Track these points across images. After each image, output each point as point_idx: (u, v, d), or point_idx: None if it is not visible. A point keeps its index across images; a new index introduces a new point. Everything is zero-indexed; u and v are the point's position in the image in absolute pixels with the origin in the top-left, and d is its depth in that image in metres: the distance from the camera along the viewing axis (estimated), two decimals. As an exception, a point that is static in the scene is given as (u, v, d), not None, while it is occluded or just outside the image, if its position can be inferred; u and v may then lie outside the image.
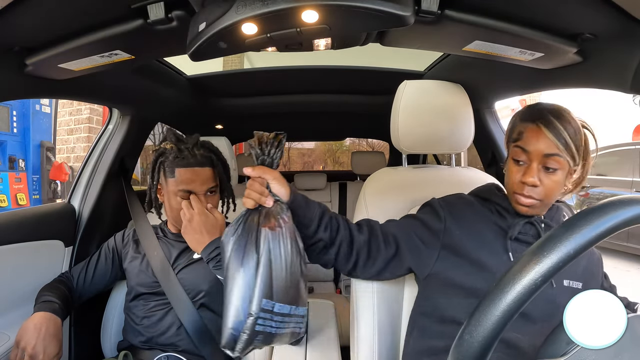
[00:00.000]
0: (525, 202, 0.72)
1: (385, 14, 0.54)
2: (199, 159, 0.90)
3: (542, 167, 0.70)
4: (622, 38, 0.63)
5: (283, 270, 0.63)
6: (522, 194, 0.72)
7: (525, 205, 0.73)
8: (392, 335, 0.88)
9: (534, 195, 0.71)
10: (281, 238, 0.64)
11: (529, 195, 0.72)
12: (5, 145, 3.99)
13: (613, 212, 0.36)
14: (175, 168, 0.90)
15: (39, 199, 4.21)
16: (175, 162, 0.89)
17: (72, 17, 0.64)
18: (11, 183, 3.98)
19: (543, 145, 0.69)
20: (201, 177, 0.89)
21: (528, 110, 0.75)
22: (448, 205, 0.80)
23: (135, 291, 0.96)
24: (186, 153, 0.90)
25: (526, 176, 0.71)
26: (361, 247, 0.76)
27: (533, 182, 0.70)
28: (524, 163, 0.72)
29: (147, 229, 1.03)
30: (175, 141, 0.93)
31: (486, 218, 0.78)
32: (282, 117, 2.01)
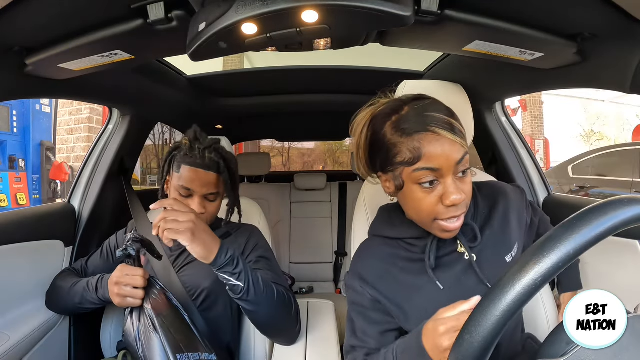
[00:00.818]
0: (457, 226, 0.59)
1: (385, 14, 0.54)
2: (207, 161, 0.89)
3: (456, 177, 0.58)
4: (622, 38, 0.63)
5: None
6: (451, 217, 0.58)
7: (457, 228, 0.60)
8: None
9: (463, 211, 0.59)
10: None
11: (459, 215, 0.59)
12: (5, 145, 3.99)
13: (613, 212, 0.36)
14: (182, 164, 0.90)
15: (39, 199, 4.21)
16: (184, 159, 0.90)
17: (72, 17, 0.64)
18: (11, 183, 3.98)
19: (451, 152, 0.56)
20: (203, 180, 0.89)
21: (403, 118, 0.58)
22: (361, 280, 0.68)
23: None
24: (196, 152, 0.90)
25: (448, 197, 0.56)
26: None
27: (460, 199, 0.57)
28: (434, 183, 0.58)
29: (148, 229, 1.03)
30: (192, 138, 0.93)
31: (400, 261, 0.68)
32: (282, 117, 2.01)
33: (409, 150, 0.57)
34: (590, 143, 10.94)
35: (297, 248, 2.24)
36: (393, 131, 0.59)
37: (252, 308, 0.78)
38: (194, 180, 0.89)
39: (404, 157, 0.57)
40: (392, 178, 0.62)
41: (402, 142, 0.58)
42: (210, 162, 0.90)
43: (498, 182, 0.80)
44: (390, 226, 0.71)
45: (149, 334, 0.78)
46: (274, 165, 9.42)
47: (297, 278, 2.13)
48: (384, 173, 0.64)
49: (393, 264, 0.68)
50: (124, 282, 0.81)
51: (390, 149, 0.59)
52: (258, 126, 2.24)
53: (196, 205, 0.89)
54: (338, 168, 10.12)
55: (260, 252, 0.97)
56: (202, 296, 0.94)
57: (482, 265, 0.65)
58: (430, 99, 0.61)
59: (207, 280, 0.94)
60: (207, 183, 0.90)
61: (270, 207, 2.22)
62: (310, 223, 2.28)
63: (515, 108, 8.26)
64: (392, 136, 0.59)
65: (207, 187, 0.90)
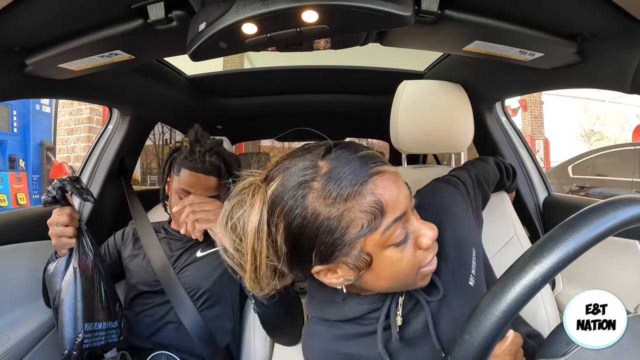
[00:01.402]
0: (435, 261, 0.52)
1: (385, 14, 0.54)
2: (207, 165, 0.89)
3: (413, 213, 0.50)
4: (622, 38, 0.63)
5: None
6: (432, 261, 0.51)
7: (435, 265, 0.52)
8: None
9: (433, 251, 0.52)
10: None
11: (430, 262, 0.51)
12: (5, 145, 3.99)
13: (613, 212, 0.36)
14: (182, 167, 0.90)
15: (39, 199, 4.21)
16: (184, 162, 0.90)
17: (72, 17, 0.64)
18: (11, 183, 3.98)
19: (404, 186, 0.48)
20: (203, 185, 0.89)
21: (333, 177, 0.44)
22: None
23: (136, 289, 0.96)
24: (197, 156, 0.89)
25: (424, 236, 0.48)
26: None
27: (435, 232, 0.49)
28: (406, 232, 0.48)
29: (148, 228, 1.03)
30: (193, 140, 0.92)
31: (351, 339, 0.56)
32: (282, 117, 2.01)
33: (365, 211, 0.44)
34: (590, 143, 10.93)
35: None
36: (326, 201, 0.44)
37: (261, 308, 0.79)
38: (194, 184, 0.88)
39: (361, 223, 0.44)
40: (343, 263, 0.46)
41: (349, 207, 0.44)
42: (211, 166, 0.89)
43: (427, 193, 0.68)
44: (331, 305, 0.57)
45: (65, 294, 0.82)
46: (274, 165, 9.38)
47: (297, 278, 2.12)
48: (325, 264, 0.47)
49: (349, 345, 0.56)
50: (55, 221, 0.82)
51: (333, 227, 0.44)
52: (258, 126, 2.24)
53: None
54: (338, 168, 10.10)
55: None
56: (203, 297, 0.94)
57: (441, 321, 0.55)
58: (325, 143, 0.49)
59: (207, 281, 0.94)
60: (207, 187, 0.89)
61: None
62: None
63: (515, 108, 8.26)
64: (328, 208, 0.44)
65: (207, 191, 0.90)
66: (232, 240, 0.47)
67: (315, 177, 0.45)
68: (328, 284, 0.50)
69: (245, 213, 0.46)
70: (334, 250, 0.45)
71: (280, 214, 0.45)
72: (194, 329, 0.91)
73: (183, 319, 0.91)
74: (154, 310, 0.94)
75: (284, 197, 0.45)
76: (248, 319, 1.04)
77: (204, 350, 0.91)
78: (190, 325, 0.91)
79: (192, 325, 0.91)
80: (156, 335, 0.93)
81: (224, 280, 0.95)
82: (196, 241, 0.98)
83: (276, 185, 0.46)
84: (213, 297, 0.94)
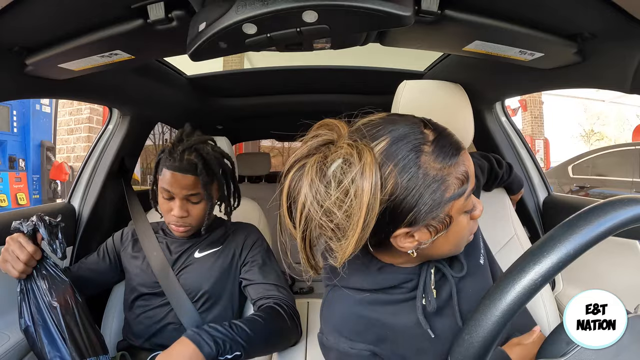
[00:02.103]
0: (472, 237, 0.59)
1: (385, 14, 0.54)
2: (184, 164, 0.88)
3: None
4: (622, 38, 0.63)
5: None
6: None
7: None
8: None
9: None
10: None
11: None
12: (5, 145, 3.99)
13: (613, 212, 0.36)
14: (163, 167, 0.90)
15: (39, 199, 4.21)
16: (165, 161, 0.90)
17: (72, 17, 0.64)
18: (11, 183, 3.98)
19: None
20: (180, 183, 0.88)
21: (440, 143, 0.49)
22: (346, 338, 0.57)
23: (136, 291, 0.96)
24: (176, 155, 0.89)
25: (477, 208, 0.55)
26: None
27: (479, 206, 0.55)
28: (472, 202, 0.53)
29: (147, 229, 1.03)
30: (176, 139, 0.93)
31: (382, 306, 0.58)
32: (282, 117, 2.01)
33: (458, 178, 0.49)
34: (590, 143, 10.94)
35: (297, 248, 2.24)
36: (435, 164, 0.48)
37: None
38: (172, 183, 0.88)
39: (454, 188, 0.48)
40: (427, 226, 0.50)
41: (449, 173, 0.48)
42: (188, 165, 0.88)
43: None
44: (363, 273, 0.58)
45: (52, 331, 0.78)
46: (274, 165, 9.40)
47: (298, 278, 2.13)
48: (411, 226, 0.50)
49: (374, 310, 0.58)
50: (11, 247, 0.79)
51: (436, 188, 0.47)
52: (258, 126, 2.24)
53: (177, 207, 0.89)
54: (338, 168, 10.10)
55: (256, 252, 0.98)
56: (202, 298, 0.94)
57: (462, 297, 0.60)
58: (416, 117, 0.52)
59: (206, 281, 0.94)
60: (185, 186, 0.89)
61: (271, 207, 2.21)
62: (310, 223, 2.27)
63: (515, 108, 8.26)
64: (437, 171, 0.47)
65: (186, 190, 0.89)
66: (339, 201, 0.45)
67: (425, 142, 0.48)
68: (401, 248, 0.52)
69: (357, 173, 0.44)
70: (429, 211, 0.48)
71: (391, 172, 0.47)
72: (194, 330, 0.91)
73: (183, 320, 0.91)
74: (153, 311, 0.94)
75: (397, 157, 0.47)
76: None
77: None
78: (189, 326, 0.91)
79: (192, 326, 0.91)
80: (156, 336, 0.93)
81: (223, 280, 0.95)
82: (195, 242, 0.98)
83: (385, 144, 0.48)
84: (212, 297, 0.94)
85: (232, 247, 0.98)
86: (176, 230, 0.93)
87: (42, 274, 0.81)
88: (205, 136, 0.97)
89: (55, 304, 0.79)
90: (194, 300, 0.93)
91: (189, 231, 0.94)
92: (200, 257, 0.96)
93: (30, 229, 0.79)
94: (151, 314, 0.94)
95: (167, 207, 0.91)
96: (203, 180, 0.88)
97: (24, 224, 0.79)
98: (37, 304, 0.80)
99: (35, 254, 0.80)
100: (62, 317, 0.79)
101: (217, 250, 0.97)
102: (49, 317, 0.79)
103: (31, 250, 0.78)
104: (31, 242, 0.80)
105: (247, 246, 0.98)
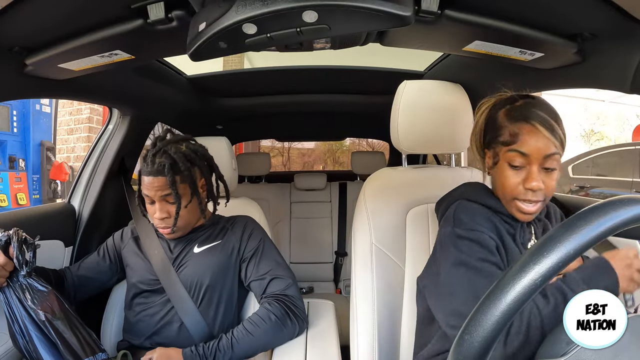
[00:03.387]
0: (531, 210, 0.68)
1: (385, 14, 0.54)
2: (155, 167, 0.90)
3: (542, 169, 0.67)
4: (622, 38, 0.63)
5: None
6: (527, 200, 0.68)
7: (531, 212, 0.69)
8: (392, 335, 0.88)
9: (539, 199, 0.67)
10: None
11: (535, 201, 0.67)
12: (5, 145, 3.98)
13: (613, 212, 0.36)
14: (141, 174, 0.93)
15: (39, 199, 4.21)
16: (142, 168, 0.93)
17: (72, 17, 0.64)
18: (11, 183, 3.98)
19: (543, 146, 0.65)
20: (154, 186, 0.90)
21: (515, 109, 0.69)
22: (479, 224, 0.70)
23: (136, 289, 0.97)
24: (148, 161, 0.91)
25: (530, 181, 0.66)
26: None
27: (539, 186, 0.66)
28: (521, 166, 0.67)
29: (148, 228, 1.03)
30: (150, 146, 0.95)
31: (500, 227, 0.71)
32: (282, 117, 2.01)
33: (510, 134, 0.67)
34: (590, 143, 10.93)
35: (297, 248, 2.24)
36: (504, 116, 0.70)
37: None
38: (148, 187, 0.90)
39: (505, 138, 0.68)
40: (492, 154, 0.73)
41: (506, 126, 0.68)
42: (159, 167, 0.89)
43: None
44: (490, 197, 0.75)
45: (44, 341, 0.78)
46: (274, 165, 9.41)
47: (297, 278, 2.11)
48: (488, 149, 0.74)
49: (498, 222, 0.72)
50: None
51: (497, 129, 0.70)
52: (258, 126, 2.24)
53: (157, 210, 0.91)
54: (338, 168, 10.10)
55: (254, 244, 0.98)
56: (203, 294, 0.94)
57: None
58: (543, 100, 0.69)
59: (206, 276, 0.94)
60: (158, 187, 0.90)
61: (270, 207, 2.22)
62: (310, 223, 2.28)
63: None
64: (502, 120, 0.70)
65: (160, 191, 0.90)
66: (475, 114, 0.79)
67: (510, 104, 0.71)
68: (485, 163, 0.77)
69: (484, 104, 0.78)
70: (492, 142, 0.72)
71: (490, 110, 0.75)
72: (195, 328, 0.91)
73: (183, 317, 0.92)
74: (154, 309, 0.94)
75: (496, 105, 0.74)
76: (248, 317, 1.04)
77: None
78: (190, 324, 0.91)
79: (193, 324, 0.91)
80: (157, 334, 0.93)
81: (222, 275, 0.96)
82: (193, 237, 0.99)
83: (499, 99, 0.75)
84: (213, 293, 0.95)
85: (232, 241, 0.99)
86: (163, 232, 0.95)
87: (21, 286, 0.81)
88: (181, 135, 0.99)
89: (41, 314, 0.79)
90: (194, 297, 0.93)
91: (175, 232, 0.94)
92: (199, 252, 0.97)
93: (3, 241, 0.80)
94: (151, 312, 0.94)
95: (151, 211, 0.93)
96: (170, 179, 0.89)
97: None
98: (25, 317, 0.80)
99: (5, 265, 0.80)
100: (51, 325, 0.79)
101: (217, 244, 0.98)
102: (39, 329, 0.79)
103: (1, 262, 0.79)
104: (2, 254, 0.80)
105: (244, 239, 0.99)
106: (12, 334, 0.81)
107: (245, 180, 2.38)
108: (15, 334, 0.80)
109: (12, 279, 0.81)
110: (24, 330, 0.79)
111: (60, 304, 0.83)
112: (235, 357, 0.85)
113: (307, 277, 2.20)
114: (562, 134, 0.66)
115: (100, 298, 1.08)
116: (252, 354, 0.88)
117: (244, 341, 0.86)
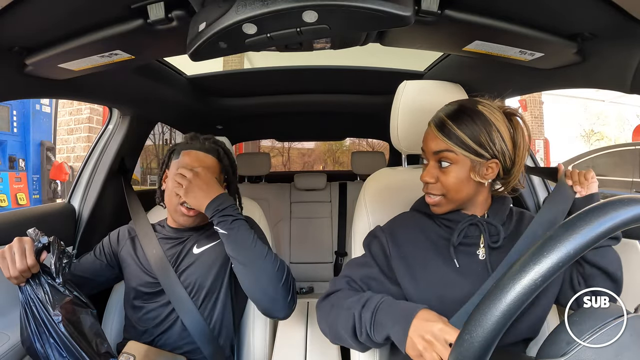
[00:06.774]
0: (429, 201, 0.75)
1: (385, 14, 0.54)
2: (206, 145, 0.93)
3: (437, 164, 0.72)
4: (622, 38, 0.63)
5: None
6: (427, 192, 0.75)
7: (431, 204, 0.75)
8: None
9: (435, 193, 0.74)
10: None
11: (429, 193, 0.75)
12: (5, 145, 3.99)
13: (613, 212, 0.36)
14: (182, 150, 0.94)
15: (39, 199, 4.21)
16: (185, 146, 0.95)
17: (72, 17, 0.64)
18: (11, 183, 3.98)
19: (431, 143, 0.72)
20: (202, 161, 0.90)
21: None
22: (391, 233, 0.78)
23: (136, 291, 0.96)
24: (196, 140, 0.95)
25: (422, 175, 0.74)
26: None
27: (425, 179, 0.74)
28: (427, 162, 0.75)
29: (147, 228, 1.03)
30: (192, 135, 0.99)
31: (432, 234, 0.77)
32: (282, 117, 2.01)
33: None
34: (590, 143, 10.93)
35: (297, 248, 2.24)
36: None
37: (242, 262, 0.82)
38: (193, 161, 0.90)
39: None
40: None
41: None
42: (210, 147, 0.93)
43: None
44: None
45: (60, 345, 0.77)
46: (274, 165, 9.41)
47: (297, 278, 2.13)
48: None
49: (425, 234, 0.77)
50: (14, 249, 0.76)
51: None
52: (258, 126, 2.24)
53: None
54: (338, 168, 10.11)
55: None
56: (202, 296, 0.94)
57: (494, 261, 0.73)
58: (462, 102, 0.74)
59: (206, 277, 0.94)
60: (207, 166, 0.91)
61: (270, 207, 2.22)
62: (310, 223, 2.28)
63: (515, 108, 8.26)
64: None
65: (206, 167, 0.91)
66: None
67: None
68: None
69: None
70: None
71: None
72: (195, 329, 0.91)
73: (184, 318, 0.91)
74: (154, 310, 0.94)
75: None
76: (248, 317, 1.04)
77: (206, 349, 0.91)
78: (191, 325, 0.91)
79: (193, 325, 0.91)
80: (158, 336, 0.93)
81: (220, 275, 0.95)
82: (191, 236, 0.98)
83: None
84: (213, 294, 0.94)
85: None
86: (186, 214, 0.91)
87: (43, 289, 0.80)
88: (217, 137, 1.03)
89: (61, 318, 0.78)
90: (194, 298, 0.93)
91: (197, 216, 0.92)
92: (198, 253, 0.96)
93: (40, 245, 0.78)
94: (153, 315, 0.94)
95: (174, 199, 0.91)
96: (224, 163, 0.92)
97: (40, 236, 0.78)
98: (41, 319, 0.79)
99: (32, 267, 0.78)
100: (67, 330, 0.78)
101: (216, 244, 0.97)
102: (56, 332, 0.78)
103: (30, 263, 0.76)
104: (33, 255, 0.78)
105: None
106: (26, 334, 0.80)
107: (245, 180, 2.38)
108: (30, 334, 0.79)
109: (34, 280, 0.80)
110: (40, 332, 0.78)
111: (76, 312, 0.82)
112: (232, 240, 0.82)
113: (307, 277, 2.20)
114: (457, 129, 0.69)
115: (100, 298, 1.08)
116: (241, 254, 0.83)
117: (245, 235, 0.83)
